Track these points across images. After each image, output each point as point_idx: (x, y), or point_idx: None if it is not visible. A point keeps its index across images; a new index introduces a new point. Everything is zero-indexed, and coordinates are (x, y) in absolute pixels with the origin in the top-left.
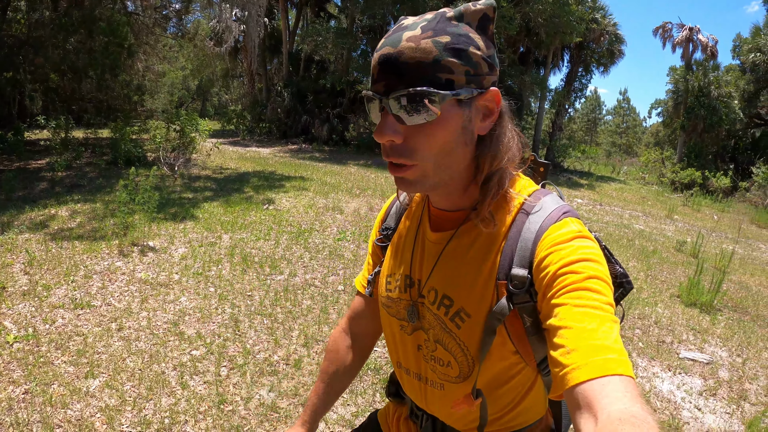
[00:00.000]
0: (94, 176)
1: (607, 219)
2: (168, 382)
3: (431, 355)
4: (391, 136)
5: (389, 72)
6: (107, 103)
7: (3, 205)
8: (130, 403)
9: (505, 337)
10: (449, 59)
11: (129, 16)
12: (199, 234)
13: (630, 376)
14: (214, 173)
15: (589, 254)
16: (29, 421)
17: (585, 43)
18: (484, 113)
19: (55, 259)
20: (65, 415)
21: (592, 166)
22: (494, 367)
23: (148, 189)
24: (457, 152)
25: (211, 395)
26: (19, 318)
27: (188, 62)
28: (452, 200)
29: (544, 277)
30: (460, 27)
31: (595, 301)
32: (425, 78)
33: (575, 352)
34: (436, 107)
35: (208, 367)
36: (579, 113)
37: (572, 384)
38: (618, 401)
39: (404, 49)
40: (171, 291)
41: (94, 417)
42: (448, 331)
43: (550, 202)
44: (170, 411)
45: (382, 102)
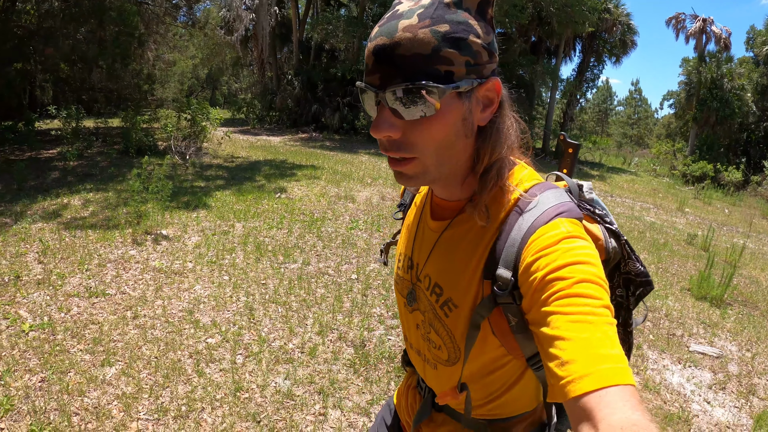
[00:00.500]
0: (106, 165)
1: (618, 211)
2: (184, 369)
3: (426, 336)
4: (388, 131)
5: (385, 64)
6: (117, 92)
7: (16, 195)
8: (147, 390)
9: (489, 333)
10: (448, 50)
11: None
12: (212, 222)
13: (629, 383)
14: (226, 162)
15: (577, 256)
16: (46, 408)
17: (597, 33)
18: (485, 103)
19: (69, 248)
20: (82, 402)
21: (603, 157)
22: (479, 359)
23: (161, 178)
24: (458, 145)
25: (227, 383)
26: (35, 307)
27: (198, 51)
28: (450, 191)
29: (531, 283)
30: (459, 14)
31: (586, 306)
32: (424, 71)
33: (570, 364)
34: (435, 101)
35: (224, 355)
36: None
37: (570, 397)
38: (618, 411)
39: (401, 40)
40: (185, 279)
41: (111, 405)
42: (438, 318)
43: (547, 198)
44: (187, 398)
45: (378, 95)
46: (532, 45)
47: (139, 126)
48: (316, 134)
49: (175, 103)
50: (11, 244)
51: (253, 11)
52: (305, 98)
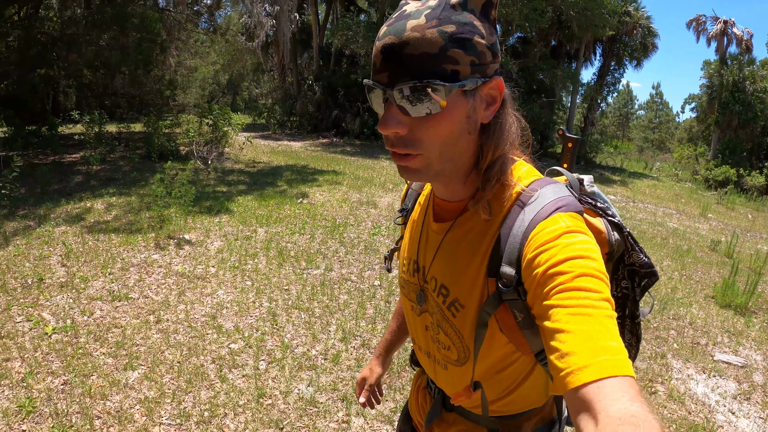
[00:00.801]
0: (128, 170)
1: (640, 216)
2: (207, 375)
3: (436, 338)
4: (396, 128)
5: (393, 62)
6: (140, 98)
7: (39, 198)
8: (170, 395)
9: (496, 330)
10: (455, 50)
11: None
12: (234, 227)
13: (627, 375)
14: (247, 167)
15: (578, 251)
16: (68, 411)
17: (617, 37)
18: (488, 102)
19: (92, 251)
20: (104, 406)
21: (624, 162)
22: (490, 356)
23: (184, 183)
24: (462, 142)
25: (250, 389)
26: (58, 309)
27: (219, 57)
28: (453, 189)
29: (533, 279)
30: (465, 15)
31: (587, 299)
32: (431, 69)
33: (570, 356)
34: (441, 99)
35: (247, 361)
36: (611, 108)
37: (570, 388)
38: (617, 401)
39: (409, 39)
40: (208, 284)
41: (134, 409)
42: (446, 319)
43: (547, 193)
44: (209, 404)
45: (386, 93)
46: (553, 49)
47: (162, 131)
48: (337, 139)
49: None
50: (35, 246)
51: (273, 17)
52: (326, 103)
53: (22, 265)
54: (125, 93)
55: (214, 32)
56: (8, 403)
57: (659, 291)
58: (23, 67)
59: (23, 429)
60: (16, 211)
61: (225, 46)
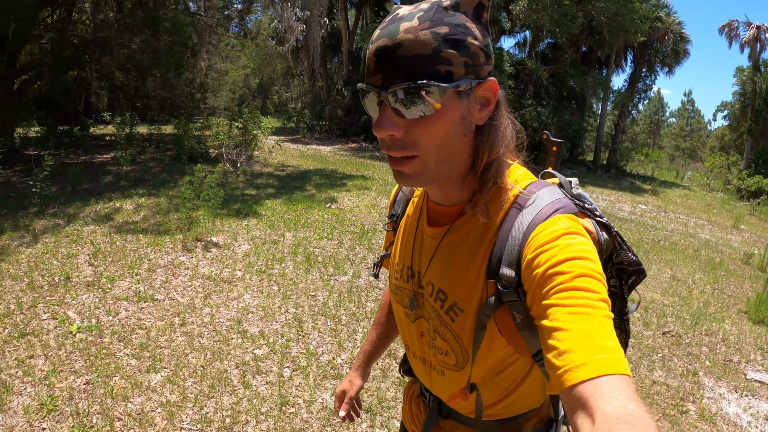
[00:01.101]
0: (158, 171)
1: (671, 227)
2: (230, 380)
3: (432, 343)
4: (391, 130)
5: (387, 64)
6: (171, 100)
7: (69, 197)
8: (192, 399)
9: (495, 332)
10: (448, 51)
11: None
12: (262, 231)
13: (624, 373)
14: (276, 170)
15: (577, 252)
16: (89, 412)
17: (649, 43)
18: (482, 103)
19: (120, 251)
20: (126, 408)
21: (655, 171)
22: (488, 359)
23: (212, 185)
24: (457, 143)
25: (273, 396)
26: (83, 309)
27: (250, 61)
28: (449, 193)
29: (533, 279)
30: (457, 17)
31: (585, 299)
32: (425, 70)
33: (567, 354)
34: (436, 100)
35: (271, 367)
36: (642, 115)
37: (567, 386)
38: (614, 400)
39: (402, 41)
40: (234, 288)
41: (155, 412)
42: (444, 324)
43: (544, 195)
44: (232, 410)
45: (380, 95)
46: (583, 55)
47: (192, 133)
48: (366, 144)
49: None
50: (63, 245)
51: (303, 22)
52: (355, 108)
53: (50, 263)
54: (156, 95)
55: (245, 36)
56: (30, 400)
57: (691, 305)
58: (56, 68)
59: (43, 427)
60: (46, 209)
61: (255, 50)
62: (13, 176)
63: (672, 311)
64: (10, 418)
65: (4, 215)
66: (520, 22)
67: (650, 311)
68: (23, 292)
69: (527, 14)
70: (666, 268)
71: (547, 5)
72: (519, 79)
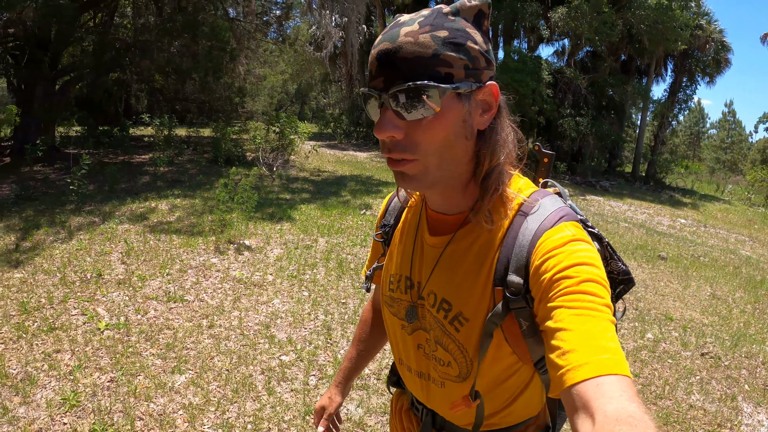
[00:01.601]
0: (195, 173)
1: (711, 243)
2: (254, 386)
3: (432, 355)
4: (392, 132)
5: (388, 67)
6: (209, 103)
7: (106, 196)
8: (214, 403)
9: (502, 340)
10: (448, 53)
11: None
12: (295, 236)
13: (626, 375)
14: (312, 175)
15: (584, 258)
16: (111, 409)
17: (689, 51)
18: (483, 108)
19: (152, 250)
20: (147, 408)
21: (695, 184)
22: (492, 368)
23: (247, 189)
24: (458, 146)
25: (297, 404)
26: (113, 306)
27: (288, 66)
28: (451, 201)
29: (540, 284)
30: (457, 22)
31: (590, 303)
32: (425, 72)
33: (570, 354)
34: (436, 101)
35: (297, 375)
36: (681, 126)
37: (568, 385)
38: (614, 400)
39: (403, 44)
40: (264, 292)
41: (177, 414)
42: (447, 334)
43: (548, 204)
44: (254, 417)
45: (381, 98)
46: (623, 64)
47: (229, 137)
48: None
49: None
50: (97, 242)
51: (341, 29)
52: None
53: (83, 259)
54: (195, 98)
55: (283, 42)
56: (53, 394)
57: (731, 325)
58: (97, 71)
59: (65, 422)
60: (83, 206)
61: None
62: (53, 174)
63: (711, 331)
64: (32, 410)
65: (41, 211)
66: (559, 30)
67: (689, 331)
68: (55, 286)
69: (566, 22)
70: (705, 285)
71: (586, 13)
72: (557, 88)
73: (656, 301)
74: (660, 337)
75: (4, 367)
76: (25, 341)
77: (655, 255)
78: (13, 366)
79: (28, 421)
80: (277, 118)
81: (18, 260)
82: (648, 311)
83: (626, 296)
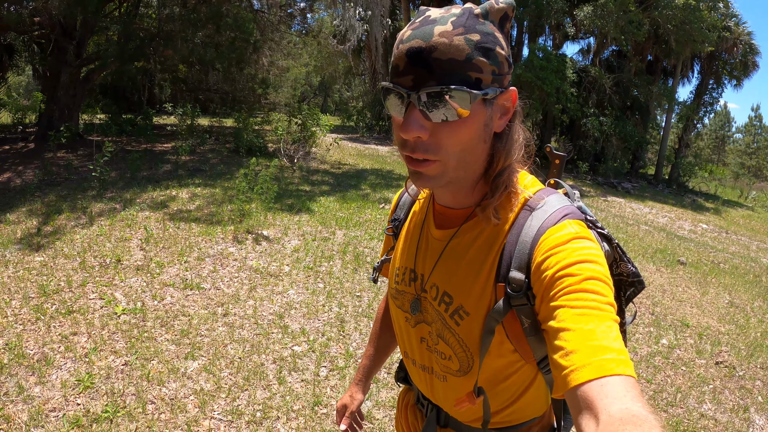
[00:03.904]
0: (216, 162)
1: (732, 249)
2: (265, 374)
3: (434, 348)
4: (419, 132)
5: (420, 66)
6: (232, 94)
7: (128, 183)
8: (225, 390)
9: (503, 337)
10: (480, 58)
11: (255, 13)
12: (313, 228)
13: (630, 375)
14: (332, 168)
15: (586, 255)
16: (124, 392)
17: (717, 53)
18: (502, 111)
19: (171, 238)
20: (159, 392)
21: (718, 189)
22: (494, 364)
23: (267, 179)
24: (478, 149)
25: (306, 395)
26: (130, 291)
27: (312, 59)
28: (460, 197)
29: (542, 281)
30: (487, 25)
31: (593, 301)
32: (457, 75)
33: (574, 354)
34: (465, 106)
35: (308, 365)
36: (707, 129)
37: (572, 386)
38: (618, 401)
39: (437, 44)
40: (280, 282)
41: (188, 399)
42: (448, 327)
43: (553, 201)
44: (263, 405)
45: (409, 97)
46: (648, 64)
47: (251, 127)
48: None
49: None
50: (117, 228)
51: (366, 22)
52: None
53: (103, 245)
54: (218, 89)
55: (307, 34)
56: (68, 375)
57: (748, 335)
58: (122, 59)
59: (78, 402)
60: (105, 193)
61: (317, 48)
62: (76, 160)
63: (727, 340)
64: (47, 390)
65: (63, 196)
66: (584, 28)
67: (705, 338)
68: (74, 271)
69: (592, 20)
70: (724, 293)
71: (612, 11)
72: (582, 87)
73: (673, 306)
74: (675, 343)
75: (21, 347)
76: (43, 323)
77: (674, 260)
78: (30, 347)
79: (43, 401)
80: (299, 110)
81: (39, 244)
82: (664, 317)
83: (643, 300)
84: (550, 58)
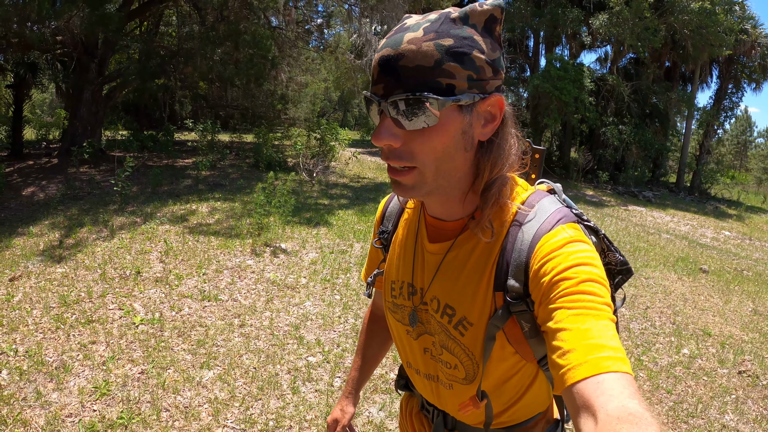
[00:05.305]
0: (236, 177)
1: (756, 256)
2: (280, 384)
3: (439, 358)
4: (389, 140)
5: (389, 74)
6: (252, 110)
7: (149, 197)
8: (239, 399)
9: (504, 341)
10: (451, 63)
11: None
12: (331, 240)
13: (626, 372)
14: (351, 181)
15: (582, 258)
16: (140, 399)
17: (735, 57)
18: (486, 119)
19: (191, 251)
20: (175, 400)
21: (741, 195)
22: (497, 369)
23: (285, 193)
24: (457, 158)
25: (320, 404)
26: (149, 302)
27: (330, 74)
28: (450, 209)
29: (540, 287)
30: (465, 29)
31: (589, 302)
32: (425, 82)
33: (571, 353)
34: (435, 113)
35: (322, 376)
36: (728, 135)
37: (569, 384)
38: (615, 398)
39: (405, 52)
40: (297, 294)
41: (202, 407)
42: (452, 338)
43: (545, 207)
44: (277, 414)
45: (380, 105)
46: (666, 71)
47: (271, 142)
48: None
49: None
50: (138, 241)
51: (382, 37)
52: None
53: (123, 257)
54: (238, 105)
55: (324, 50)
56: (86, 382)
57: None
58: (143, 77)
59: (94, 409)
60: (126, 207)
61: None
62: (98, 175)
63: (750, 348)
64: (65, 396)
65: (85, 210)
66: (601, 37)
67: (727, 347)
68: (95, 282)
69: (607, 28)
70: (747, 300)
71: (627, 19)
72: (600, 96)
73: (695, 315)
74: (696, 353)
75: (41, 354)
76: (63, 332)
77: (696, 268)
78: (50, 354)
79: (60, 406)
80: (318, 124)
81: (61, 256)
82: (686, 326)
83: (664, 310)
84: (567, 67)
